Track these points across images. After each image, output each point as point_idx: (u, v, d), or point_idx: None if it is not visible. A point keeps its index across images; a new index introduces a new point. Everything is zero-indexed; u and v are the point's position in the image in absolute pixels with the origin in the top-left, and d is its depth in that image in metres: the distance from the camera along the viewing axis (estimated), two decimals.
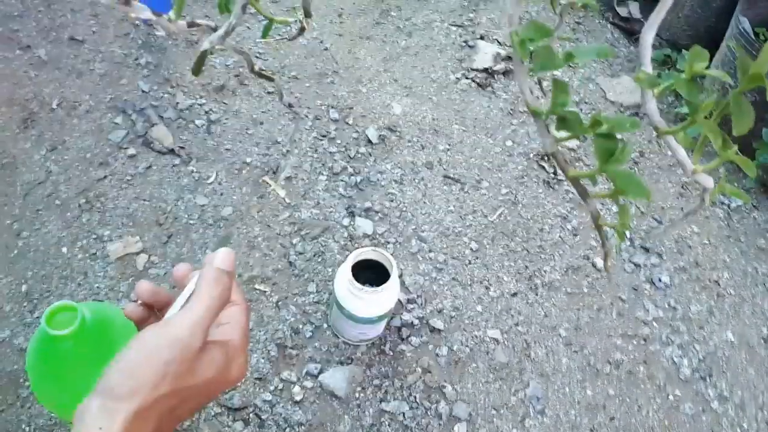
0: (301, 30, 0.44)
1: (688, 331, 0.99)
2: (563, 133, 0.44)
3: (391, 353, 0.90)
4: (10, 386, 0.81)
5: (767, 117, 1.15)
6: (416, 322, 0.93)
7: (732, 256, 1.10)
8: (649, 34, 0.41)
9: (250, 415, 0.82)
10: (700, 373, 0.94)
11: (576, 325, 0.97)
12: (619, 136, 0.45)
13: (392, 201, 1.08)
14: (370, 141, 1.16)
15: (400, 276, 0.98)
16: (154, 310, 0.51)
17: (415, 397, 0.87)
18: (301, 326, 0.90)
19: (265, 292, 0.94)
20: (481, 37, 1.41)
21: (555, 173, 1.17)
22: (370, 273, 0.84)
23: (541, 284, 1.01)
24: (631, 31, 1.54)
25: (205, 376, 0.42)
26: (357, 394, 0.86)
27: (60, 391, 0.62)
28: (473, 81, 1.32)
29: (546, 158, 1.19)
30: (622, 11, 1.54)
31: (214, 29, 0.37)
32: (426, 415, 0.85)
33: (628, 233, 1.10)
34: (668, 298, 1.02)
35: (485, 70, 1.34)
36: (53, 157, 1.04)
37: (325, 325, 0.91)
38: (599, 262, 1.04)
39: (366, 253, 0.83)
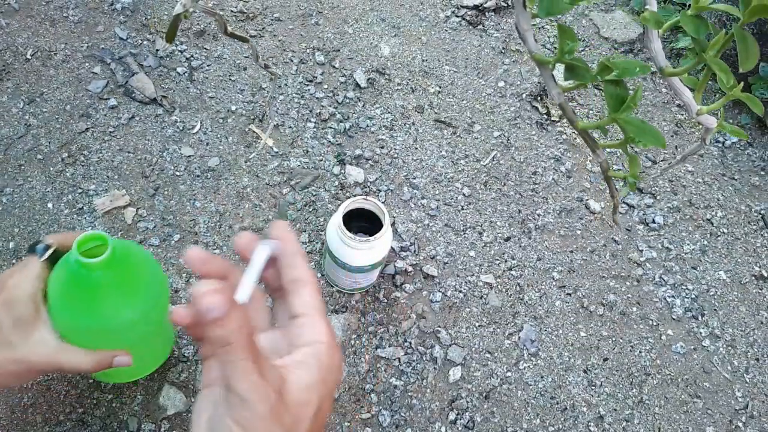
0: None
1: (681, 270, 0.99)
2: (570, 82, 0.42)
3: (386, 300, 0.90)
4: None
5: (765, 51, 1.12)
6: (410, 269, 0.93)
7: (726, 195, 1.09)
8: None
9: None
10: (693, 313, 0.95)
11: (569, 268, 0.97)
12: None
13: (383, 148, 1.06)
14: (358, 85, 1.13)
15: (393, 224, 0.97)
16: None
17: (410, 343, 0.87)
18: None
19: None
20: None
21: (548, 114, 1.15)
22: (363, 221, 0.83)
23: (534, 228, 1.00)
24: None
25: (300, 411, 0.39)
26: (352, 342, 0.86)
27: (85, 318, 0.63)
28: (463, 19, 1.28)
29: (539, 98, 1.17)
30: None
31: None
32: (421, 360, 0.86)
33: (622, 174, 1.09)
34: (662, 238, 1.02)
35: (475, 7, 1.29)
36: (32, 110, 1.01)
37: (319, 275, 0.91)
38: (592, 204, 1.04)
39: (357, 202, 0.81)
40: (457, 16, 1.28)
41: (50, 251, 0.64)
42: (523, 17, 0.39)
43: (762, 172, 1.13)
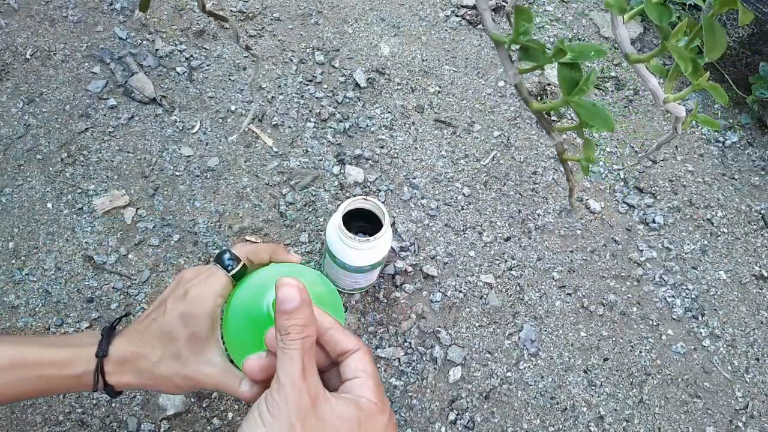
0: None
1: (681, 270, 0.99)
2: (528, 64, 0.42)
3: (386, 300, 0.90)
4: None
5: (765, 51, 1.12)
6: (410, 269, 0.93)
7: (726, 194, 1.09)
8: None
9: None
10: (693, 313, 0.95)
11: (569, 268, 0.97)
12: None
13: (383, 147, 1.06)
14: (358, 85, 1.13)
15: (393, 224, 0.97)
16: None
17: (410, 343, 0.87)
18: None
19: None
20: None
21: (549, 114, 1.15)
22: (363, 221, 0.83)
23: (534, 227, 1.00)
24: None
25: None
26: None
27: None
28: (463, 18, 1.28)
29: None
30: None
31: None
32: (421, 360, 0.86)
33: (623, 174, 1.08)
34: (662, 238, 1.02)
35: (475, 6, 1.29)
36: (31, 110, 1.01)
37: None
38: (593, 204, 1.03)
39: (357, 202, 0.81)
40: (457, 16, 1.28)
41: (239, 266, 0.61)
42: None
43: (762, 172, 1.13)
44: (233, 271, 0.60)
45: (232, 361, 0.60)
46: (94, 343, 0.57)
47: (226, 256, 0.61)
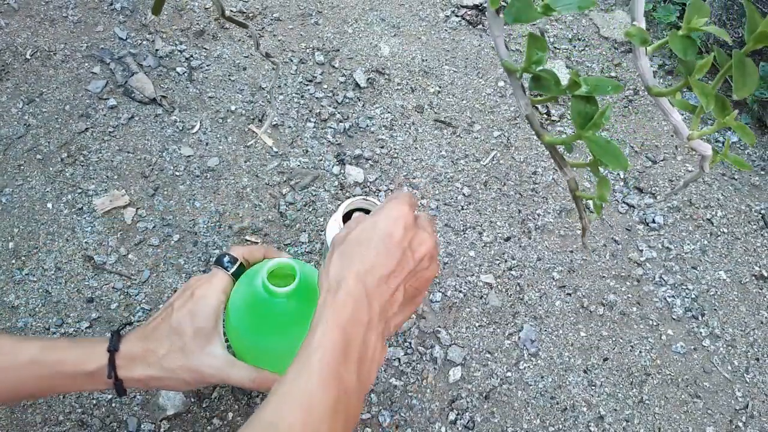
0: None
1: (681, 270, 0.99)
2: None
3: None
4: None
5: (765, 50, 1.12)
6: None
7: (726, 194, 1.09)
8: None
9: None
10: (693, 313, 0.95)
11: (569, 268, 0.97)
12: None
13: (383, 147, 1.06)
14: (358, 85, 1.13)
15: None
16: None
17: (409, 343, 0.87)
18: None
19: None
20: None
21: (548, 114, 1.15)
22: None
23: (534, 227, 1.00)
24: None
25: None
26: None
27: (263, 342, 0.67)
28: (463, 18, 1.28)
29: (547, 107, 1.17)
30: None
31: None
32: (421, 360, 0.86)
33: (623, 174, 1.08)
34: (662, 238, 1.02)
35: (475, 6, 1.29)
36: (31, 110, 1.01)
37: None
38: (592, 204, 1.03)
39: (357, 202, 0.81)
40: (456, 16, 1.28)
41: (237, 265, 0.69)
42: (495, 24, 0.38)
43: (762, 172, 1.13)
44: (232, 270, 0.68)
45: (234, 356, 0.66)
46: (105, 341, 0.62)
47: (225, 258, 0.69)
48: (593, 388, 0.87)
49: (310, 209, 0.97)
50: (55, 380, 0.60)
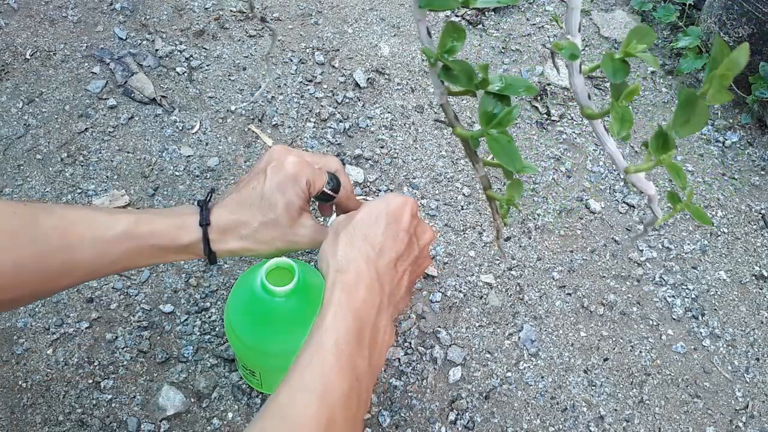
0: None
1: (681, 270, 0.99)
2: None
3: None
4: (5, 344, 0.81)
5: (765, 50, 1.12)
6: None
7: (726, 194, 1.09)
8: None
9: None
10: (693, 312, 0.95)
11: (569, 268, 0.97)
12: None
13: (383, 147, 1.06)
14: (358, 85, 1.13)
15: None
16: None
17: (409, 343, 0.87)
18: None
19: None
20: None
21: (548, 114, 1.15)
22: None
23: (534, 227, 1.00)
24: None
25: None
26: None
27: (260, 339, 0.68)
28: (463, 18, 1.28)
29: (539, 98, 1.17)
30: None
31: None
32: (421, 361, 0.86)
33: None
34: (662, 238, 1.02)
35: (475, 6, 1.29)
36: (31, 110, 1.01)
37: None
38: (593, 204, 1.03)
39: None
40: (456, 16, 1.28)
41: (332, 184, 0.68)
42: (415, 8, 0.37)
43: (762, 172, 1.13)
44: (327, 189, 0.68)
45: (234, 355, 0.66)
46: (193, 213, 0.62)
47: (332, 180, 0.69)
48: (593, 388, 0.87)
49: (310, 209, 0.97)
50: (146, 253, 0.60)
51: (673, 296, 0.96)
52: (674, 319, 0.94)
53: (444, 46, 0.36)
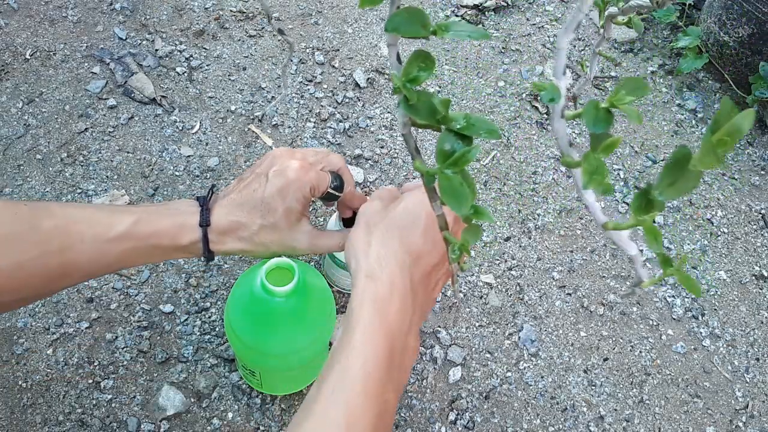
0: None
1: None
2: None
3: None
4: (5, 344, 0.81)
5: (765, 50, 1.12)
6: None
7: (726, 194, 1.09)
8: (564, 39, 0.30)
9: None
10: (693, 313, 0.95)
11: (569, 268, 0.97)
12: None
13: (382, 147, 1.06)
14: (358, 85, 1.13)
15: None
16: None
17: None
18: None
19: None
20: None
21: (548, 114, 1.15)
22: None
23: (534, 227, 1.00)
24: None
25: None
26: None
27: (261, 340, 0.68)
28: (463, 18, 1.27)
29: (539, 98, 1.17)
30: None
31: None
32: (421, 360, 0.86)
33: (623, 174, 1.08)
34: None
35: (475, 6, 1.29)
36: (31, 110, 1.01)
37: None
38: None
39: None
40: (456, 16, 1.28)
41: (335, 183, 0.68)
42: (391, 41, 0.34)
43: (762, 172, 1.13)
44: (333, 184, 0.68)
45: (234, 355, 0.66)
46: (193, 213, 0.62)
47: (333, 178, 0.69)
48: (593, 388, 0.87)
49: (310, 209, 0.97)
50: (145, 252, 0.61)
51: (673, 296, 0.96)
52: (674, 319, 0.94)
53: (408, 74, 0.32)
